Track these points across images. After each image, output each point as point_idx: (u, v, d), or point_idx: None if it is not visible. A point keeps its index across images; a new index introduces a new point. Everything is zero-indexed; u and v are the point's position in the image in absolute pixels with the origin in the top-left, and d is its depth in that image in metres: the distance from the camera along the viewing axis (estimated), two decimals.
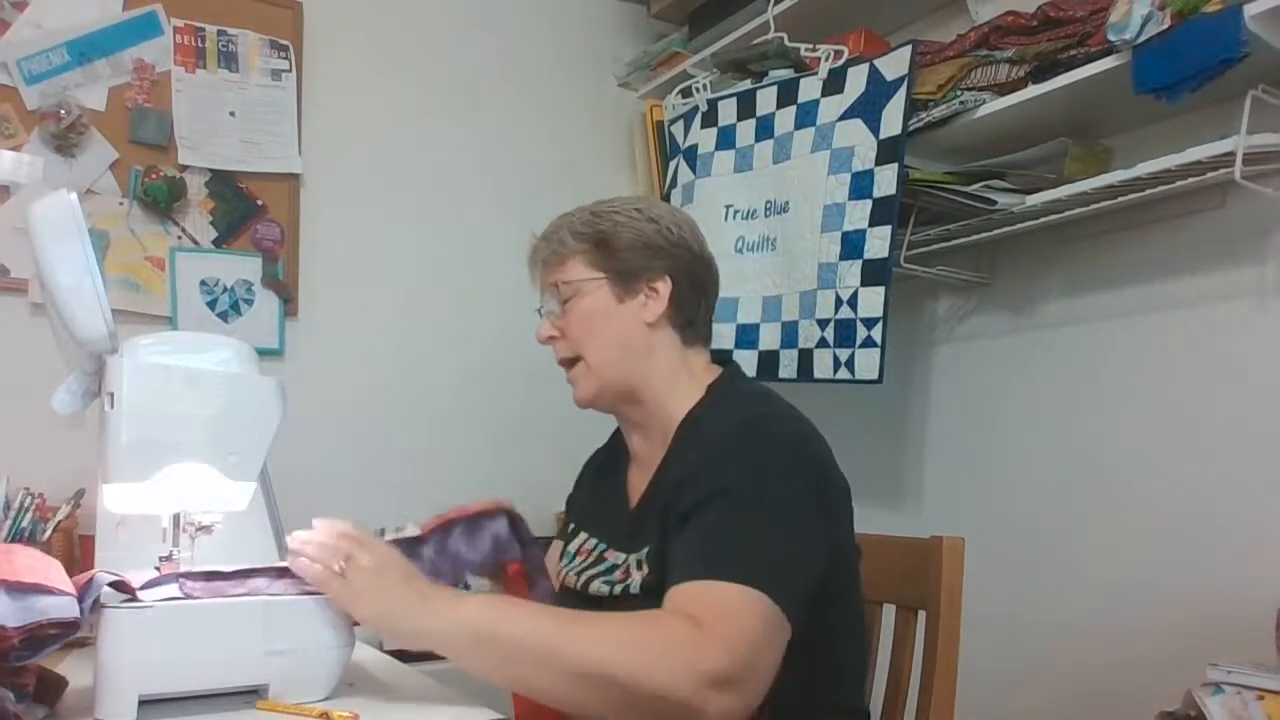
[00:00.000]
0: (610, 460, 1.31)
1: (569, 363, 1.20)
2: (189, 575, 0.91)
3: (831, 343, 1.80)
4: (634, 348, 1.16)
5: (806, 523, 1.01)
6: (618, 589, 1.11)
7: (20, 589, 0.79)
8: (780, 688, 0.98)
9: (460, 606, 0.91)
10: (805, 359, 1.86)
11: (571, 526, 1.30)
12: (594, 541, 1.22)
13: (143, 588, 0.87)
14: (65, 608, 0.80)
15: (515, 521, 1.11)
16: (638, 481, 1.20)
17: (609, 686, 0.86)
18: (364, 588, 0.90)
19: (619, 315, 1.16)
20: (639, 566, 1.10)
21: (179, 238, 1.95)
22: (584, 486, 1.36)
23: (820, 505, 1.03)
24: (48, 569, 0.85)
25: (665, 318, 1.17)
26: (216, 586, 0.90)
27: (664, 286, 1.16)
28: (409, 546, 1.01)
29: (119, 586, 0.84)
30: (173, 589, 0.88)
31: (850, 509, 1.11)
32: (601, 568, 1.17)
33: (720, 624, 0.89)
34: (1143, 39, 1.41)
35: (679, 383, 1.17)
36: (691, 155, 2.14)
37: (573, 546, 1.26)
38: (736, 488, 1.00)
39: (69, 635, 0.80)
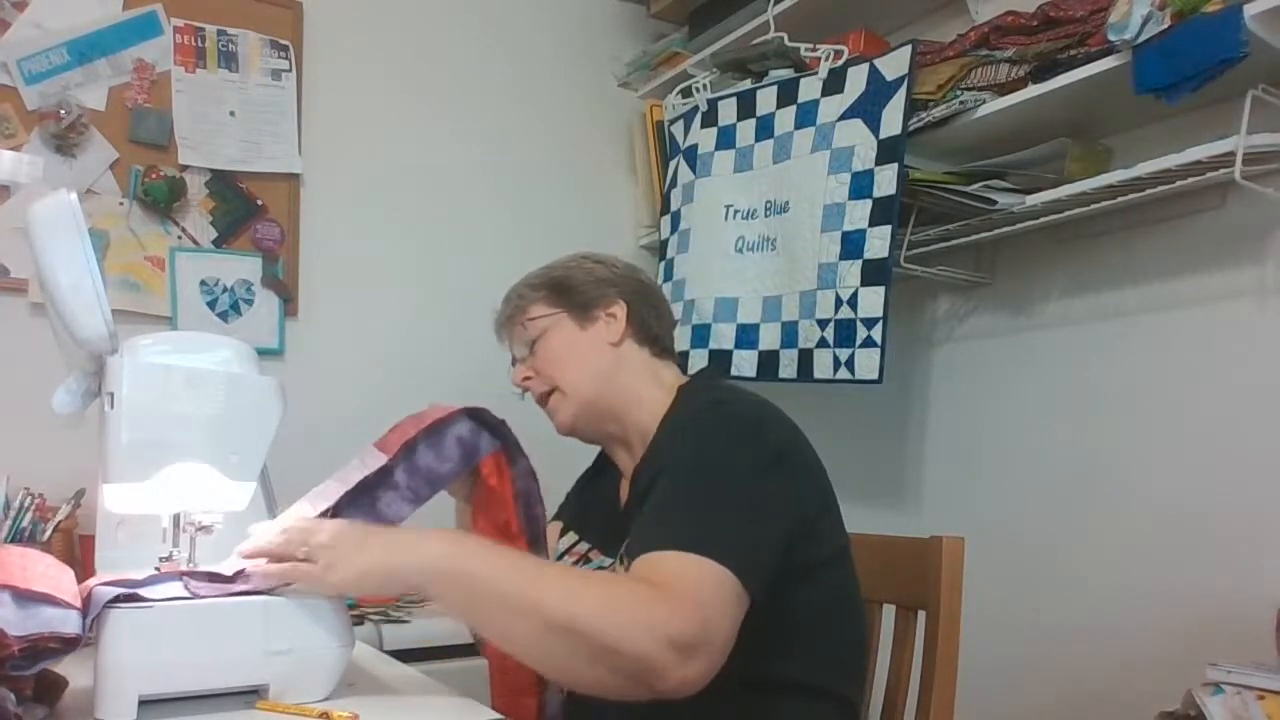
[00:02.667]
0: (600, 470, 1.34)
1: (545, 396, 1.25)
2: (193, 574, 0.91)
3: (831, 343, 1.80)
4: (603, 367, 1.22)
5: (757, 493, 1.01)
6: None
7: (29, 597, 0.79)
8: (754, 664, 0.99)
9: (429, 543, 0.92)
10: (805, 359, 1.86)
11: (562, 526, 1.33)
12: (584, 545, 1.25)
13: (144, 583, 0.87)
14: (69, 622, 0.80)
15: (475, 415, 1.06)
16: (626, 491, 1.24)
17: (575, 638, 0.87)
18: (333, 560, 0.90)
19: (584, 341, 1.23)
20: (621, 562, 1.11)
21: (179, 238, 1.95)
22: (574, 493, 1.39)
23: (776, 479, 1.04)
24: (60, 579, 0.85)
25: (628, 336, 1.24)
26: (221, 586, 0.90)
27: (620, 310, 1.24)
28: (379, 476, 1.00)
29: (124, 598, 0.83)
30: (176, 587, 0.88)
31: (824, 491, 1.11)
32: (589, 568, 1.19)
33: (681, 590, 0.90)
34: (1143, 39, 1.41)
35: (651, 393, 1.21)
36: (691, 155, 2.14)
37: (563, 544, 1.29)
38: (683, 462, 1.04)
39: (69, 651, 0.80)
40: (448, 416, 1.04)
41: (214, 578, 0.91)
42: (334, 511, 0.95)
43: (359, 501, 0.97)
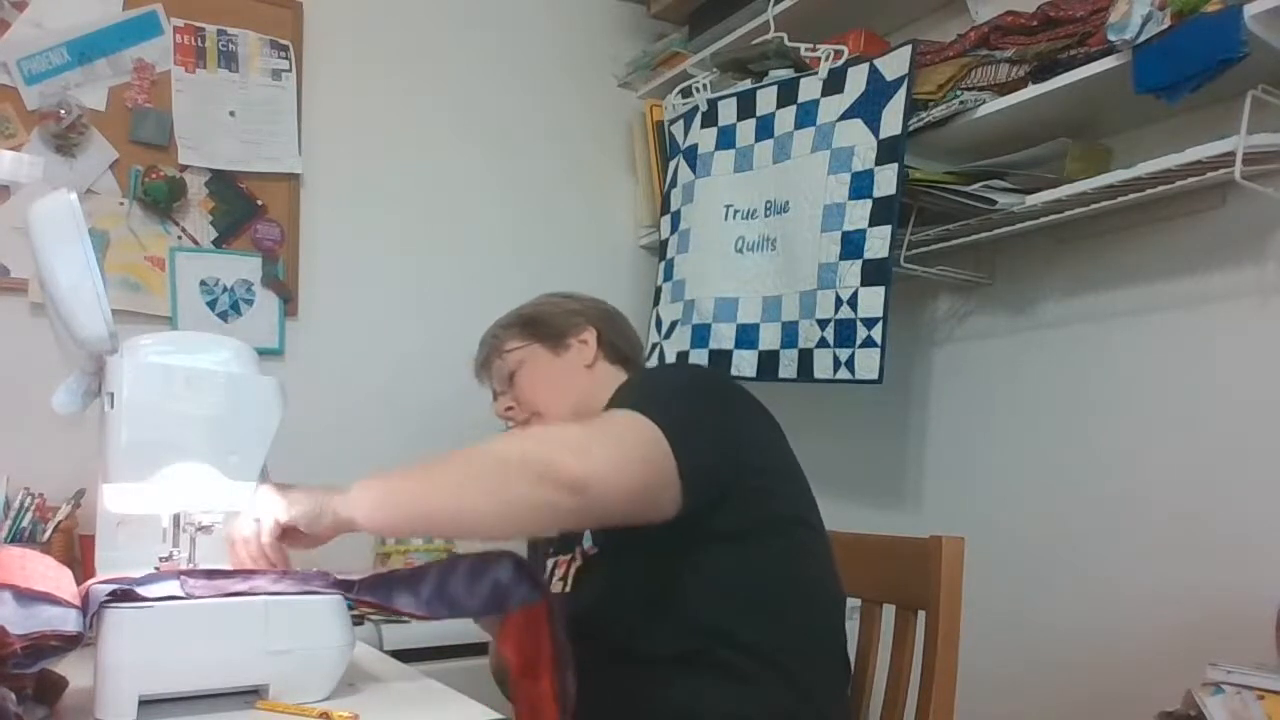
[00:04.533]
0: None
1: (526, 423, 1.32)
2: (190, 573, 0.91)
3: (831, 343, 1.80)
4: (580, 389, 1.30)
5: (699, 406, 1.07)
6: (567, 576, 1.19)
7: (30, 596, 0.80)
8: (707, 627, 1.03)
9: (347, 485, 0.98)
10: (805, 359, 1.86)
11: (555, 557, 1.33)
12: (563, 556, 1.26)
13: (141, 582, 0.87)
14: (69, 621, 0.80)
15: (521, 565, 1.06)
16: None
17: (486, 469, 0.95)
18: (259, 508, 0.96)
19: (560, 367, 1.32)
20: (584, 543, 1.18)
21: (179, 238, 1.95)
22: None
23: (717, 403, 1.10)
24: (59, 579, 0.85)
25: (600, 357, 1.33)
26: (218, 585, 0.90)
27: (590, 335, 1.34)
28: (409, 575, 0.98)
29: (118, 595, 0.84)
30: (173, 586, 0.88)
31: (776, 443, 1.14)
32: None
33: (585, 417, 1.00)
34: (1143, 39, 1.41)
35: None
36: (691, 155, 2.14)
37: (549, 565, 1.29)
38: (633, 384, 1.15)
39: (70, 649, 0.80)
40: (495, 557, 1.04)
41: (213, 575, 0.91)
42: (356, 587, 0.95)
43: (379, 588, 0.96)
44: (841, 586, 1.18)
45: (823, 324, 1.81)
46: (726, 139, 2.06)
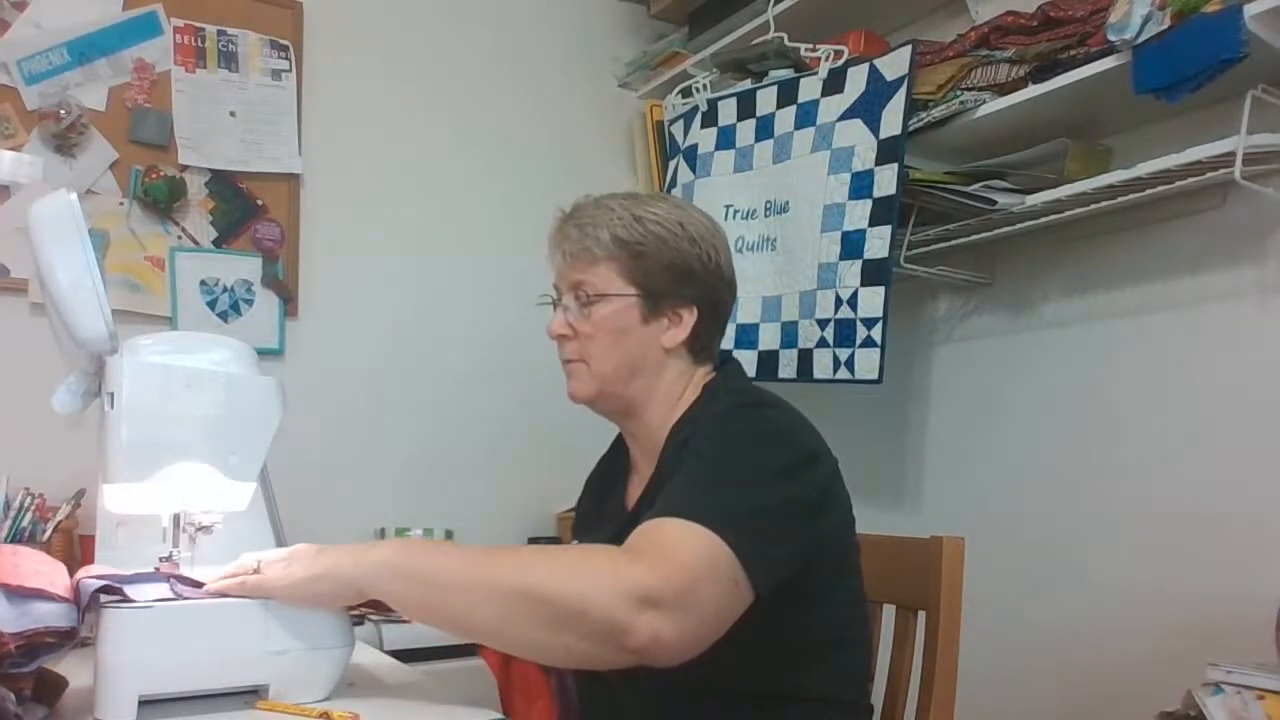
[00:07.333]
0: (611, 474, 1.30)
1: (571, 360, 1.18)
2: (181, 578, 0.91)
3: (831, 343, 1.80)
4: (645, 369, 1.15)
5: (778, 493, 0.97)
6: None
7: (22, 594, 0.79)
8: (774, 680, 0.99)
9: (378, 548, 0.92)
10: (805, 359, 1.86)
11: (575, 542, 1.30)
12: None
13: (129, 580, 0.87)
14: (64, 616, 0.80)
15: None
16: (636, 488, 1.21)
17: (535, 603, 0.85)
18: (281, 569, 0.91)
19: (639, 336, 1.14)
20: None
21: (179, 238, 1.95)
22: (586, 503, 1.35)
23: (799, 485, 1.00)
24: (53, 574, 0.85)
25: (683, 349, 1.16)
26: (206, 589, 0.90)
27: (689, 316, 1.15)
28: None
29: (107, 591, 0.84)
30: (163, 589, 0.88)
31: (846, 506, 1.10)
32: None
33: (655, 550, 0.87)
34: (1143, 39, 1.41)
35: (679, 395, 1.17)
36: (691, 155, 2.14)
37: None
38: (708, 452, 1.01)
39: (66, 644, 0.80)
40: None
41: (200, 584, 0.91)
42: None
43: None
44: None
45: (822, 324, 1.81)
46: (726, 139, 2.06)
